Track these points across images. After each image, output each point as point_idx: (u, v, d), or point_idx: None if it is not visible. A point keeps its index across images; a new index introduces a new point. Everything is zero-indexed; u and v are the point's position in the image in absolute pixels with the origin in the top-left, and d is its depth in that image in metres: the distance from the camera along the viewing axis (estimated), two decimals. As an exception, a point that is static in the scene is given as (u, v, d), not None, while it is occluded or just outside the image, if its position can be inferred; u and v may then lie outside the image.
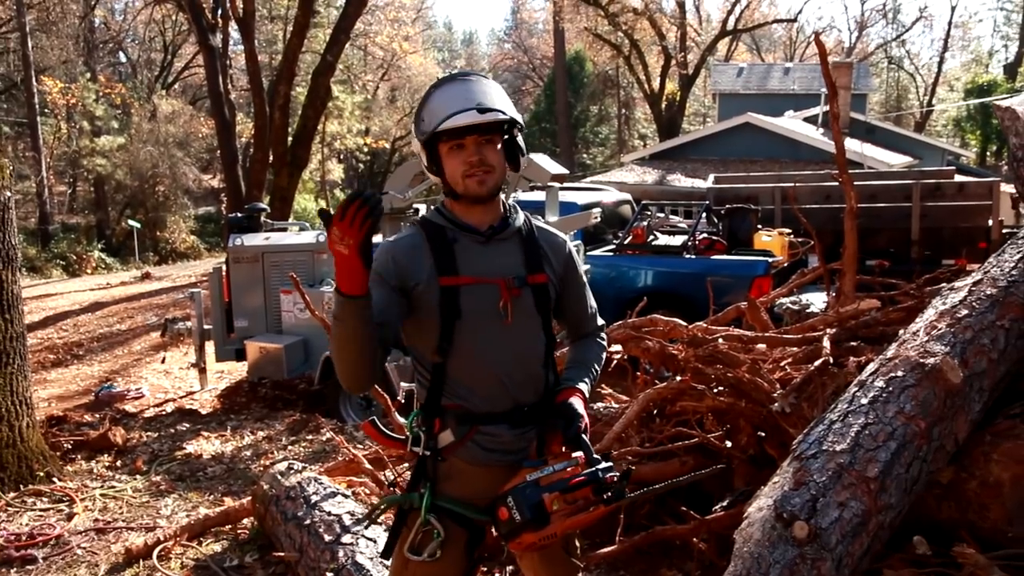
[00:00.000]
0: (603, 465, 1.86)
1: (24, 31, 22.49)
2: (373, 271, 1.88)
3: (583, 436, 1.93)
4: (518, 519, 1.83)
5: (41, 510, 4.42)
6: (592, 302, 2.24)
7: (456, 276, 1.95)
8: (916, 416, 2.22)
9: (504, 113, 1.90)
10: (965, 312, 2.50)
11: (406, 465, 4.00)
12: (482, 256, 1.99)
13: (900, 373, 2.34)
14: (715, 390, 3.32)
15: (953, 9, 50.57)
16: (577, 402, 2.00)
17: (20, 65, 23.75)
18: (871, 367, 2.47)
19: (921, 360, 2.34)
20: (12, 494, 4.53)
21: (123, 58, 36.59)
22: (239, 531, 4.04)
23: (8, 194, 4.72)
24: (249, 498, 4.07)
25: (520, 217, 2.09)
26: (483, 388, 1.96)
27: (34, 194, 23.31)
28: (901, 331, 2.64)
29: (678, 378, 3.46)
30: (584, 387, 2.08)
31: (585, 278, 2.24)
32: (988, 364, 2.40)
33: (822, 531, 1.97)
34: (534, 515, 1.82)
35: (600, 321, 2.27)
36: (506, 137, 1.99)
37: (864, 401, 2.29)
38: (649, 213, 8.77)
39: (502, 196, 2.07)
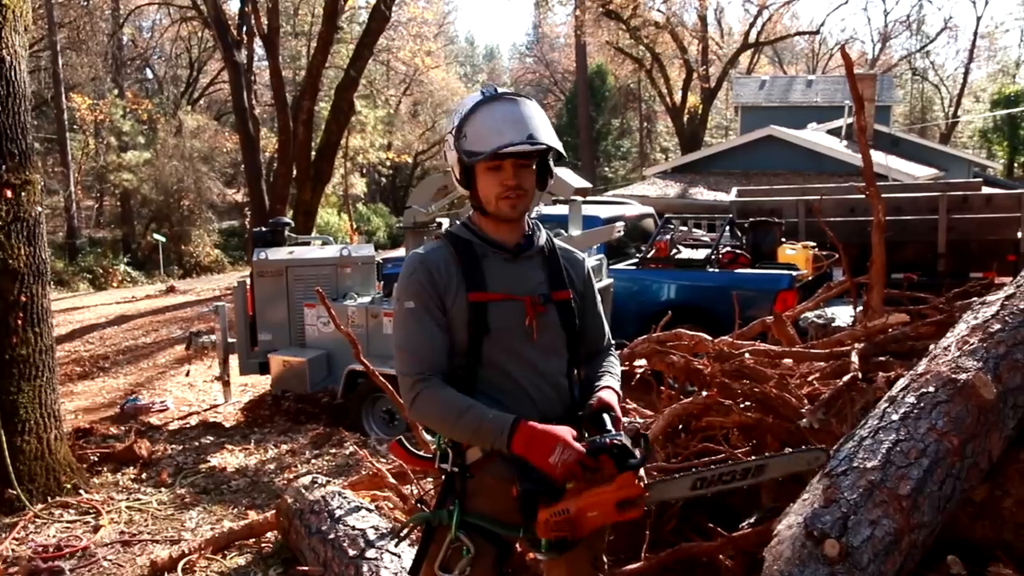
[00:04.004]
0: (612, 433, 1.87)
1: (55, 49, 22.93)
2: (417, 286, 1.95)
3: (604, 417, 1.95)
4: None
5: (68, 522, 4.46)
6: (605, 320, 2.25)
7: (485, 292, 1.96)
8: (949, 433, 2.19)
9: (551, 145, 1.92)
10: (998, 327, 2.46)
11: (430, 480, 3.99)
12: (509, 273, 2.01)
13: (932, 389, 2.30)
14: (742, 405, 3.29)
15: (979, 20, 49.84)
16: (610, 395, 2.03)
17: (50, 82, 24.21)
18: (901, 383, 2.43)
19: (953, 376, 2.31)
20: (40, 506, 4.58)
21: (150, 74, 37.17)
22: (263, 545, 4.05)
23: (39, 209, 4.79)
24: (273, 512, 4.07)
25: (543, 235, 2.12)
26: (510, 403, 1.96)
27: (62, 208, 23.65)
28: (932, 346, 2.61)
29: (704, 393, 3.43)
30: (615, 385, 2.10)
31: (599, 297, 2.25)
32: (1022, 380, 2.36)
33: (854, 549, 1.94)
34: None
35: (611, 339, 2.28)
36: (541, 161, 2.02)
37: (895, 417, 2.26)
38: (672, 227, 8.75)
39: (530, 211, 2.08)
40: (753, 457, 1.93)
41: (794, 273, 7.38)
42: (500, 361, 1.97)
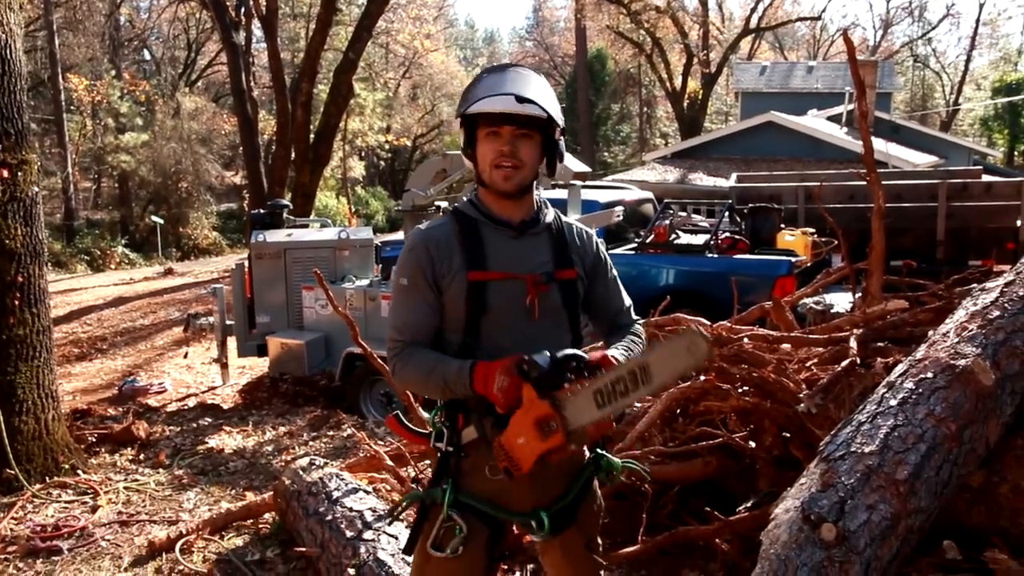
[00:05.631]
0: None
1: (51, 29, 22.80)
2: (413, 264, 1.96)
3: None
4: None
5: (66, 502, 4.47)
6: (626, 298, 2.19)
7: (485, 271, 1.94)
8: (947, 418, 2.18)
9: (543, 108, 1.88)
10: (997, 313, 2.45)
11: (428, 462, 4.00)
12: (512, 250, 1.98)
13: (930, 375, 2.30)
14: (740, 390, 3.29)
15: (981, 6, 50.03)
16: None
17: (47, 63, 24.07)
18: (900, 368, 2.43)
19: (952, 361, 2.30)
20: (38, 486, 4.59)
21: (147, 56, 37.00)
22: (261, 526, 4.06)
23: (36, 190, 4.77)
24: (271, 493, 4.08)
25: (551, 213, 2.08)
26: None
27: (60, 190, 23.60)
28: (930, 332, 2.60)
29: (702, 377, 3.43)
30: (616, 353, 1.99)
31: (615, 271, 2.19)
32: (1020, 366, 2.35)
33: (850, 533, 1.94)
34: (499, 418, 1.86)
35: (636, 317, 2.21)
36: (547, 137, 1.97)
37: (893, 403, 2.25)
38: (671, 212, 8.73)
39: (535, 192, 2.06)
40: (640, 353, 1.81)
41: (793, 259, 7.37)
42: (498, 340, 1.95)
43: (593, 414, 1.81)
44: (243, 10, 18.35)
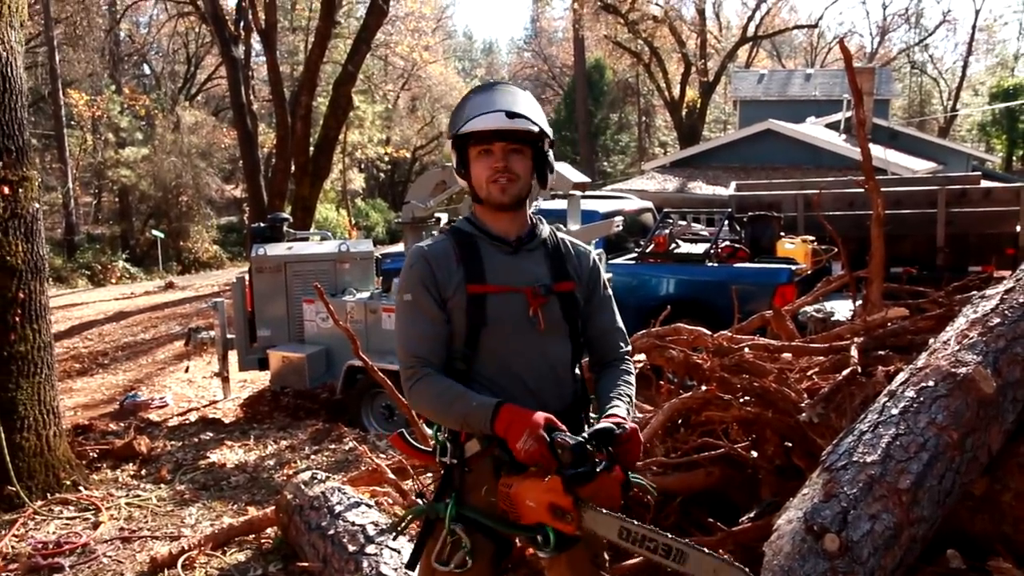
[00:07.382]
0: (580, 437, 1.82)
1: (52, 45, 22.87)
2: (416, 279, 1.97)
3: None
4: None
5: (68, 518, 4.46)
6: (620, 322, 2.20)
7: (484, 284, 1.97)
8: (948, 427, 2.18)
9: (533, 123, 1.92)
10: (997, 320, 2.44)
11: (430, 475, 3.99)
12: (509, 265, 2.01)
13: (931, 383, 2.29)
14: (741, 400, 3.28)
15: (977, 12, 50.18)
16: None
17: (48, 79, 24.17)
18: (901, 377, 2.43)
19: (953, 370, 2.30)
20: (39, 502, 4.58)
21: (147, 70, 37.16)
22: (263, 541, 4.05)
23: (36, 206, 4.78)
24: (273, 508, 4.07)
25: (545, 228, 2.12)
26: (509, 396, 1.94)
27: (60, 205, 23.62)
28: (931, 340, 2.59)
29: (703, 388, 3.42)
30: (625, 411, 2.01)
31: (611, 295, 2.22)
32: (1022, 373, 2.35)
33: (853, 544, 1.94)
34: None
35: (628, 346, 2.21)
36: (537, 151, 2.00)
37: (895, 411, 2.25)
38: (671, 221, 8.74)
39: (528, 206, 2.08)
40: (683, 540, 1.76)
41: (793, 267, 7.37)
42: (498, 353, 1.98)
43: (610, 535, 1.79)
44: (242, 24, 18.42)
